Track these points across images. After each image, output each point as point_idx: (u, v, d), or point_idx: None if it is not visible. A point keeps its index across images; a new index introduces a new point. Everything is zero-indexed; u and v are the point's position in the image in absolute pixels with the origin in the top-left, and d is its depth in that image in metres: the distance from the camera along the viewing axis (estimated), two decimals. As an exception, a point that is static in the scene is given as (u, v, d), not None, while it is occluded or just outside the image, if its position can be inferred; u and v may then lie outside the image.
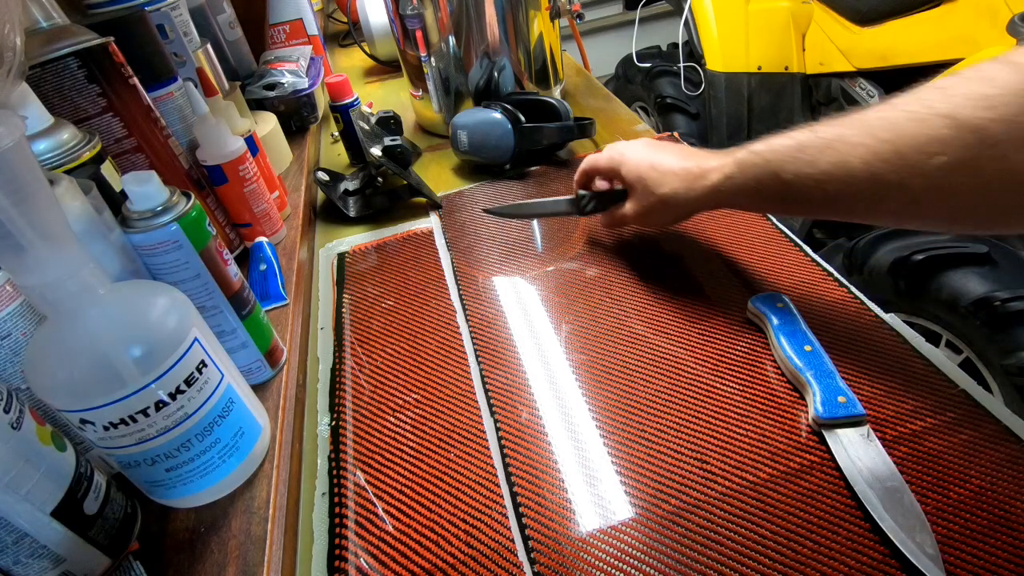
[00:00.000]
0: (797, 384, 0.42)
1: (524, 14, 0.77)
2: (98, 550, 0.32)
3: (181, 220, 0.36)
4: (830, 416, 0.38)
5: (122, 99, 0.46)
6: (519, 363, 0.48)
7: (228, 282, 0.40)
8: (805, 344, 0.43)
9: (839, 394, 0.39)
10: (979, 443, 0.38)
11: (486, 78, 0.80)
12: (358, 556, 0.37)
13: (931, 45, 1.25)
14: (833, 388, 0.40)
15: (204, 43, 0.69)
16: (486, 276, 0.58)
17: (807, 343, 0.43)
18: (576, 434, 0.42)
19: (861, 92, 1.44)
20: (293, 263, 0.58)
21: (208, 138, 0.53)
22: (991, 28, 1.13)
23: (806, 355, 0.42)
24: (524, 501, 0.38)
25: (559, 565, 0.35)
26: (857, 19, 1.40)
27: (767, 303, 0.47)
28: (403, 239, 0.66)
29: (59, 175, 0.34)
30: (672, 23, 1.89)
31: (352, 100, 0.78)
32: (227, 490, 0.37)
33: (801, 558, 0.33)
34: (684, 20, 1.70)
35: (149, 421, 0.31)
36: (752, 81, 1.59)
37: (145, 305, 0.32)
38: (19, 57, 0.33)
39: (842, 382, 0.40)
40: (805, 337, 0.44)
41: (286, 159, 0.79)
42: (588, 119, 0.73)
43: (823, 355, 0.42)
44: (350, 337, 0.54)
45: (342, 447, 0.44)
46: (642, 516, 0.37)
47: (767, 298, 0.48)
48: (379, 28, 1.13)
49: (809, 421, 0.40)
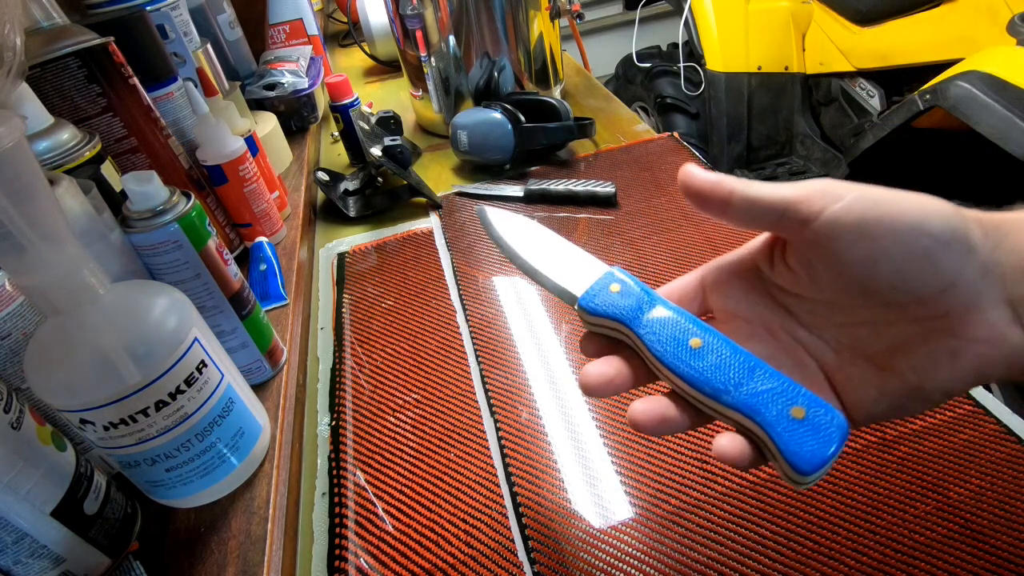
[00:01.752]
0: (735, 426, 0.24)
1: (524, 14, 0.77)
2: (98, 550, 0.32)
3: (181, 220, 0.36)
4: (815, 468, 0.21)
5: (122, 99, 0.46)
6: (519, 363, 0.48)
7: (228, 282, 0.40)
8: (691, 338, 0.24)
9: (792, 406, 0.22)
10: (979, 443, 0.38)
11: (486, 78, 0.80)
12: (358, 556, 0.37)
13: (931, 45, 1.25)
14: (781, 404, 0.22)
15: (204, 43, 0.69)
16: (486, 276, 0.58)
17: (692, 334, 0.24)
18: (576, 434, 0.42)
19: (861, 92, 1.44)
20: (293, 263, 0.58)
21: (208, 138, 0.53)
22: (991, 28, 1.13)
23: (696, 357, 0.24)
24: (524, 501, 0.38)
25: (559, 565, 0.35)
26: (857, 19, 1.40)
27: (597, 299, 0.26)
28: (403, 239, 0.66)
29: (59, 175, 0.34)
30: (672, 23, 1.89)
31: (352, 100, 0.78)
32: (227, 490, 0.37)
33: (801, 558, 0.33)
34: (684, 20, 1.70)
35: (149, 421, 0.31)
36: (752, 81, 1.59)
37: (145, 305, 0.32)
38: (19, 57, 0.33)
39: (788, 384, 0.23)
40: (684, 325, 0.25)
41: (286, 159, 0.79)
42: (588, 119, 0.73)
43: (723, 345, 0.24)
44: (350, 337, 0.54)
45: (342, 447, 0.44)
46: (642, 516, 0.37)
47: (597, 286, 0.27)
48: (379, 28, 1.13)
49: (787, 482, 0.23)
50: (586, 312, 0.26)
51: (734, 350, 0.24)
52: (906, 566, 0.32)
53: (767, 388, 0.23)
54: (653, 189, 0.67)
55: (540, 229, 0.32)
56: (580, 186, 0.66)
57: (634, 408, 0.24)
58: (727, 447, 0.22)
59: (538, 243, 0.31)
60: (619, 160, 0.74)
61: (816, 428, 0.22)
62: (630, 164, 0.73)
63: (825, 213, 0.22)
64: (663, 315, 0.25)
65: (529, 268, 0.30)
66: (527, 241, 0.31)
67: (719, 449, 0.23)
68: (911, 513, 0.34)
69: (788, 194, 0.22)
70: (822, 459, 0.21)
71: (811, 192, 0.22)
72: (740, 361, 0.23)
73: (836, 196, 0.22)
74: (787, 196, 0.22)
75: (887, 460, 0.37)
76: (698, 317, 0.26)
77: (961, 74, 1.04)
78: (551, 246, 0.31)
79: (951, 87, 1.04)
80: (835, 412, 0.22)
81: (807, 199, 0.22)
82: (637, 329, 0.25)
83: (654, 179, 0.69)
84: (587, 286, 0.27)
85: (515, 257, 0.31)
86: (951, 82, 1.05)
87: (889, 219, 0.21)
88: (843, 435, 0.22)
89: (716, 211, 0.24)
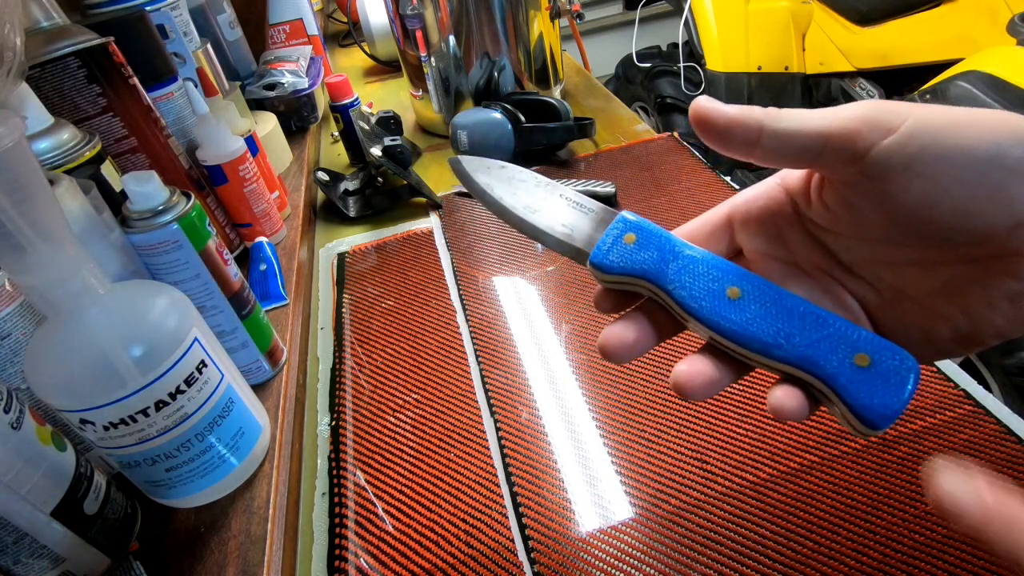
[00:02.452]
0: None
1: (524, 14, 0.77)
2: (98, 550, 0.32)
3: (181, 220, 0.36)
4: (889, 419, 0.19)
5: (122, 99, 0.46)
6: (519, 363, 0.48)
7: (228, 282, 0.40)
8: (728, 287, 0.22)
9: (855, 353, 0.20)
10: (979, 443, 0.38)
11: (486, 78, 0.80)
12: (358, 556, 0.37)
13: (931, 45, 1.25)
14: (842, 353, 0.20)
15: (204, 43, 0.69)
16: (486, 276, 0.58)
17: (728, 282, 0.22)
18: (576, 434, 0.42)
19: (861, 92, 1.44)
20: (293, 263, 0.58)
21: (208, 138, 0.53)
22: (991, 28, 1.13)
23: (737, 309, 0.21)
24: (524, 501, 0.38)
25: (559, 565, 0.35)
26: (857, 19, 1.40)
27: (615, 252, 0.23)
28: (403, 239, 0.66)
29: (59, 175, 0.34)
30: (672, 23, 1.89)
31: (352, 100, 0.78)
32: (227, 490, 0.37)
33: (801, 558, 0.33)
34: (684, 20, 1.70)
35: (149, 421, 0.31)
36: (752, 81, 1.59)
37: (145, 305, 0.32)
38: (19, 57, 0.33)
39: (846, 327, 0.20)
40: (717, 273, 0.22)
41: (286, 159, 0.79)
42: (588, 119, 0.73)
43: (765, 292, 0.21)
44: (350, 337, 0.54)
45: (342, 447, 0.44)
46: (642, 516, 0.37)
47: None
48: (379, 28, 1.13)
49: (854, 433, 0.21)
50: (601, 271, 0.23)
51: (778, 295, 0.21)
52: (906, 566, 0.32)
53: (823, 335, 0.20)
54: (653, 189, 0.67)
55: (527, 174, 0.27)
56: (580, 186, 0.66)
57: (678, 372, 0.21)
58: (784, 401, 0.20)
59: (529, 191, 0.26)
60: (619, 160, 0.74)
61: (885, 375, 0.19)
62: (630, 164, 0.73)
63: (874, 151, 0.18)
64: (692, 264, 0.22)
65: (525, 224, 0.25)
66: (516, 191, 0.26)
67: (776, 404, 0.20)
68: (911, 513, 0.34)
69: (830, 126, 0.19)
70: (895, 408, 0.19)
71: (857, 123, 0.19)
72: (787, 308, 0.21)
73: (887, 127, 0.18)
74: (829, 129, 0.19)
75: (887, 460, 0.37)
76: (728, 258, 0.23)
77: (961, 74, 1.04)
78: (544, 192, 0.26)
79: (951, 87, 1.04)
80: (903, 353, 0.19)
81: (853, 133, 0.19)
82: (664, 284, 0.22)
83: (654, 179, 0.69)
84: (597, 238, 0.23)
85: (506, 212, 0.26)
86: (951, 82, 1.05)
87: (955, 153, 0.18)
88: (916, 377, 0.19)
89: (742, 150, 0.21)
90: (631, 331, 0.23)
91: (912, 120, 0.18)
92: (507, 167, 0.27)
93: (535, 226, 0.25)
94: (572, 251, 0.24)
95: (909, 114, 0.18)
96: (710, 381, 0.21)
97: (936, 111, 0.18)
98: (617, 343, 0.23)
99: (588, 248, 0.23)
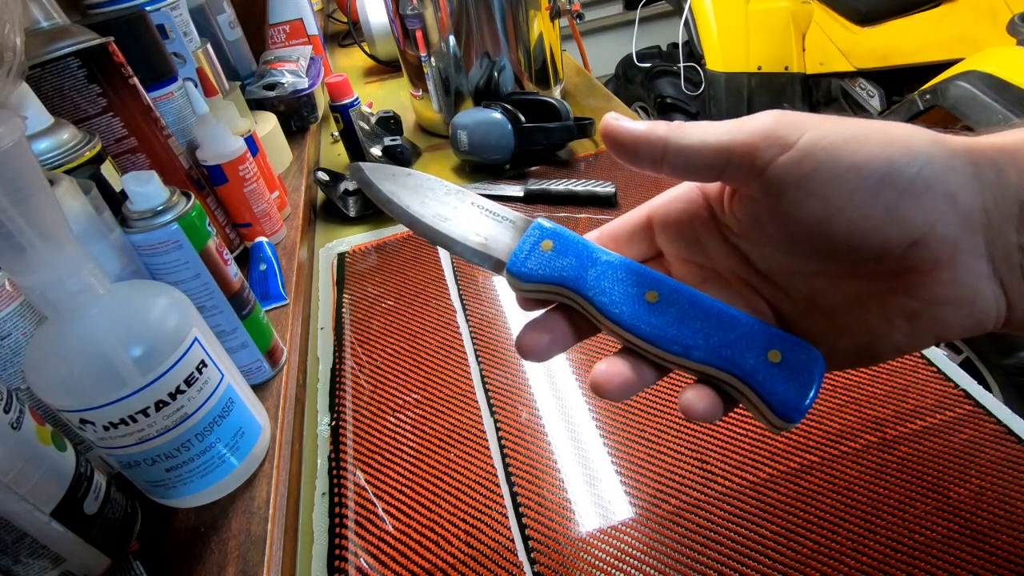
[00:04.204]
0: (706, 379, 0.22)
1: (524, 14, 0.77)
2: (98, 550, 0.32)
3: (181, 220, 0.36)
4: (802, 412, 0.20)
5: (122, 99, 0.46)
6: (519, 363, 0.48)
7: (228, 282, 0.40)
8: (646, 292, 0.22)
9: (768, 350, 0.20)
10: (979, 443, 0.38)
11: (486, 78, 0.80)
12: (358, 556, 0.37)
13: (931, 45, 1.25)
14: (756, 350, 0.20)
15: (204, 43, 0.69)
16: (486, 276, 0.58)
17: (645, 287, 0.22)
18: (576, 434, 0.42)
19: (861, 92, 1.44)
20: (293, 263, 0.58)
21: (208, 138, 0.53)
22: (991, 28, 1.13)
23: (655, 313, 0.21)
24: (524, 501, 0.38)
25: (559, 565, 0.35)
26: (857, 19, 1.40)
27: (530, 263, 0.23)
28: (403, 239, 0.66)
29: (59, 175, 0.34)
30: (672, 23, 1.89)
31: (352, 100, 0.78)
32: (227, 490, 0.37)
33: (801, 558, 0.33)
34: (684, 20, 1.70)
35: (149, 421, 0.31)
36: (752, 81, 1.59)
37: (145, 305, 0.32)
38: (19, 57, 0.33)
39: (758, 327, 0.21)
40: (635, 277, 0.22)
41: (286, 159, 0.79)
42: (588, 119, 0.73)
43: (681, 294, 0.22)
44: (350, 337, 0.54)
45: (342, 447, 0.44)
46: (642, 516, 0.37)
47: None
48: (379, 28, 1.13)
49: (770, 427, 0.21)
50: (519, 279, 0.22)
51: (693, 298, 0.21)
52: (906, 566, 0.32)
53: (738, 334, 0.21)
54: (653, 189, 0.67)
55: (436, 182, 0.25)
56: (580, 186, 0.66)
57: (596, 372, 0.21)
58: (696, 402, 0.20)
59: (438, 199, 0.25)
60: (619, 160, 0.74)
61: (795, 369, 0.20)
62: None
63: (771, 168, 0.18)
64: (610, 270, 0.22)
65: (436, 233, 0.24)
66: (425, 199, 0.25)
67: (687, 405, 0.20)
68: (911, 513, 0.34)
69: (732, 141, 0.19)
70: (807, 401, 0.20)
71: (757, 138, 0.19)
72: (703, 310, 0.21)
73: (784, 143, 0.18)
74: (730, 145, 0.19)
75: (887, 460, 0.37)
76: (646, 260, 0.24)
77: (961, 74, 1.04)
78: (454, 200, 0.25)
79: (951, 87, 1.04)
80: (809, 347, 0.20)
81: (752, 149, 0.19)
82: (583, 290, 0.22)
83: (654, 179, 0.69)
84: (512, 247, 0.23)
85: (415, 222, 0.24)
86: (951, 82, 1.05)
87: (849, 173, 0.18)
88: (822, 371, 0.20)
89: (650, 166, 0.21)
90: (546, 332, 0.23)
91: (808, 136, 0.18)
92: (413, 174, 0.26)
93: (447, 235, 0.24)
94: (488, 260, 0.23)
95: (807, 128, 0.18)
96: (628, 382, 0.21)
97: (833, 125, 0.18)
98: (531, 341, 0.22)
99: (504, 257, 0.22)
